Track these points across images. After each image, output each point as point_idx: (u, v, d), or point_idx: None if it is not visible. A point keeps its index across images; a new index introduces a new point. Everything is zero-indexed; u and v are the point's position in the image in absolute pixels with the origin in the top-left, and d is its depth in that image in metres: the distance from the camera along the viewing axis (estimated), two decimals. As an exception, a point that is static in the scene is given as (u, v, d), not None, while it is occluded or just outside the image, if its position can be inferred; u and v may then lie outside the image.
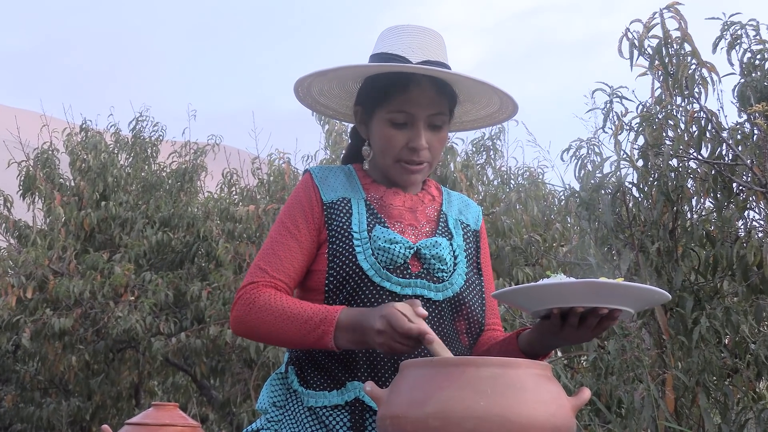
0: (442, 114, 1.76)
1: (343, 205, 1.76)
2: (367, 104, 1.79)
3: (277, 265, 1.72)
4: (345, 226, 1.72)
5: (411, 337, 1.51)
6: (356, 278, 1.67)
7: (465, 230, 1.85)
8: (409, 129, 1.73)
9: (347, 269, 1.68)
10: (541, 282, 1.52)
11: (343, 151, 2.00)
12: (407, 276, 1.70)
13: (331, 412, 1.67)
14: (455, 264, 1.76)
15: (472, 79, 1.73)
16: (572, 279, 1.53)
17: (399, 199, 1.80)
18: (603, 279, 1.49)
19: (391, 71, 1.73)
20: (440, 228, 1.81)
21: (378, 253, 1.69)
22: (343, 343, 1.60)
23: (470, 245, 1.84)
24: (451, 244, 1.78)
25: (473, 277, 1.79)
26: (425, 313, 1.53)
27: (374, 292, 1.67)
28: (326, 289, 1.69)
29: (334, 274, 1.69)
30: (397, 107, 1.72)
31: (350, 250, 1.69)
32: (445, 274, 1.73)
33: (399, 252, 1.69)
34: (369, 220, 1.74)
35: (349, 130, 2.00)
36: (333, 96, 1.90)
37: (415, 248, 1.72)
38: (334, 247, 1.71)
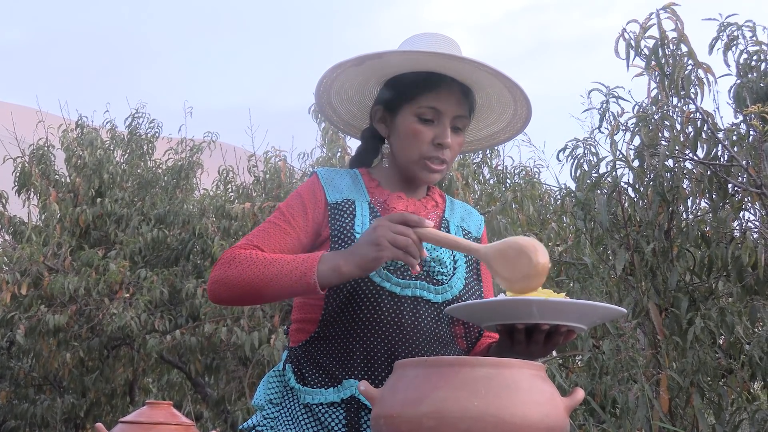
0: (465, 118, 1.80)
1: (347, 206, 1.77)
2: (392, 101, 1.80)
3: (266, 241, 1.72)
4: (348, 227, 1.73)
5: (409, 222, 1.51)
6: (357, 278, 1.67)
7: (466, 236, 1.87)
8: (436, 126, 1.76)
9: None
10: (483, 300, 1.53)
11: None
12: (407, 277, 1.70)
13: (327, 409, 1.68)
14: (455, 268, 1.77)
15: (511, 81, 1.75)
16: (504, 297, 1.51)
17: (402, 203, 1.81)
18: (534, 295, 1.48)
19: (425, 69, 1.75)
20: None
21: None
22: (328, 274, 1.58)
23: None
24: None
25: (472, 283, 1.80)
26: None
27: (374, 291, 1.68)
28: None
29: None
30: (427, 103, 1.75)
31: None
32: (444, 277, 1.74)
33: None
34: (372, 221, 1.74)
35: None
36: (345, 99, 1.91)
37: None
38: (336, 247, 1.71)
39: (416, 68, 1.77)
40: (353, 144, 6.45)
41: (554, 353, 4.03)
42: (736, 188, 3.56)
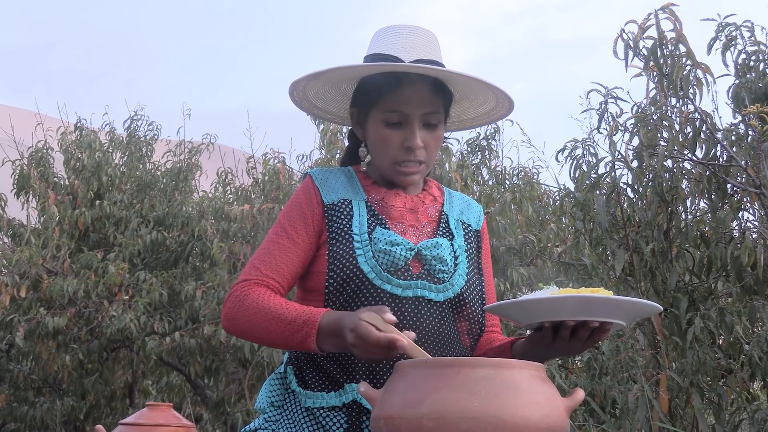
0: (437, 113, 1.75)
1: (344, 206, 1.75)
2: (362, 105, 1.79)
3: (272, 264, 1.71)
4: (346, 228, 1.72)
5: (382, 346, 1.50)
6: (356, 281, 1.67)
7: (466, 230, 1.85)
8: (404, 128, 1.73)
9: (348, 272, 1.67)
10: (532, 296, 1.55)
11: (338, 153, 2.02)
12: (408, 278, 1.69)
13: (328, 413, 1.67)
14: (456, 264, 1.76)
15: (463, 76, 1.72)
16: (562, 293, 1.54)
17: (400, 201, 1.80)
18: (593, 293, 1.51)
19: (383, 71, 1.73)
20: (441, 228, 1.80)
21: (379, 256, 1.68)
22: (327, 346, 1.61)
23: (471, 245, 1.84)
24: (452, 245, 1.78)
25: (474, 278, 1.79)
26: (394, 318, 1.52)
27: (374, 294, 1.67)
28: (326, 291, 1.69)
29: (335, 276, 1.68)
30: (390, 107, 1.72)
31: (350, 252, 1.69)
32: (446, 275, 1.73)
33: (400, 254, 1.69)
34: (370, 221, 1.74)
35: (344, 130, 2.02)
36: (329, 99, 1.90)
37: (416, 249, 1.72)
38: (335, 248, 1.70)
39: (375, 70, 1.74)
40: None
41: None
42: (735, 188, 3.56)
